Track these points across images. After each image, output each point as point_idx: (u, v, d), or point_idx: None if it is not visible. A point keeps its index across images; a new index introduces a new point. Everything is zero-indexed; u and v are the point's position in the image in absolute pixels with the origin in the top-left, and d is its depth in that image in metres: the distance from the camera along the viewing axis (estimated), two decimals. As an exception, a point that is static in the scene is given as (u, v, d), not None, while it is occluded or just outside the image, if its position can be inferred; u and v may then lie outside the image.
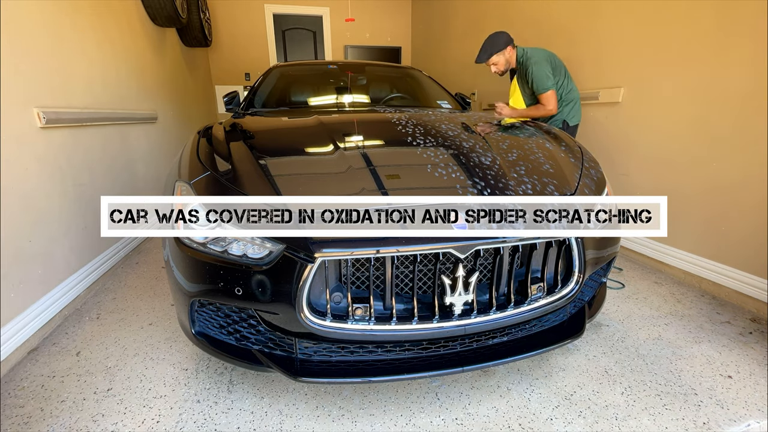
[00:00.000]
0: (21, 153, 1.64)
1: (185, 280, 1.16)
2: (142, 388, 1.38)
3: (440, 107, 2.48)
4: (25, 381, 1.42)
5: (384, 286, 1.11)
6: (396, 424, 1.22)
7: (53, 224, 1.82)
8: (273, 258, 1.06)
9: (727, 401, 1.31)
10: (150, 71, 3.26)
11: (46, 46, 1.88)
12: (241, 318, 1.18)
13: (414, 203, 1.15)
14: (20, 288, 1.59)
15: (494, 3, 3.90)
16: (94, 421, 1.24)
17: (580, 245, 1.21)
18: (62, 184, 1.91)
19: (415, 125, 1.64)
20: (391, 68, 3.09)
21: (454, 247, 1.06)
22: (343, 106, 2.42)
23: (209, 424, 1.22)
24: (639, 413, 1.25)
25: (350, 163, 1.32)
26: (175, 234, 1.17)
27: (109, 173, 2.39)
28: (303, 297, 1.04)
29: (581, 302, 1.40)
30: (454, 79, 4.74)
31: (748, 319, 1.79)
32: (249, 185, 1.21)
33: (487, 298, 1.18)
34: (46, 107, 1.79)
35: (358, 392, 1.35)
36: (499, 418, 1.24)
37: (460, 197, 1.18)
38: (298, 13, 5.92)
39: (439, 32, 5.29)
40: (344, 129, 1.70)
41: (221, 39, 5.62)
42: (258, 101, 2.41)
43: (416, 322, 1.10)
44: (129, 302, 1.97)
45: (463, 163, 1.36)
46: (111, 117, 2.46)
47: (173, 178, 1.32)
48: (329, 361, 1.15)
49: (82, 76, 2.18)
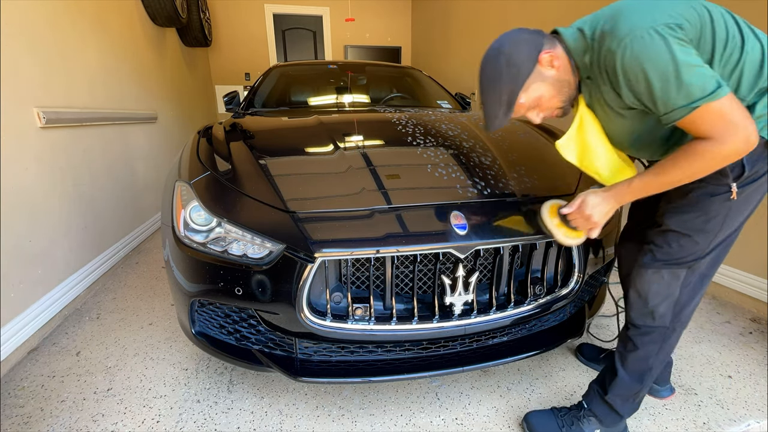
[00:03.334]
0: (21, 153, 1.64)
1: (185, 280, 1.16)
2: (142, 388, 1.38)
3: (440, 107, 2.47)
4: (25, 381, 1.42)
5: (384, 286, 1.12)
6: (396, 424, 1.22)
7: (53, 224, 1.82)
8: (273, 258, 1.06)
9: (727, 401, 1.31)
10: (150, 71, 3.25)
11: (46, 46, 1.87)
12: (241, 318, 1.18)
13: (414, 203, 1.15)
14: (20, 288, 1.58)
15: (494, 3, 3.89)
16: (94, 421, 1.24)
17: (580, 245, 1.21)
18: (62, 184, 1.90)
19: (415, 125, 1.64)
20: (391, 68, 3.09)
21: (454, 247, 1.06)
22: (343, 106, 2.42)
23: (209, 424, 1.22)
24: (639, 413, 1.25)
25: (350, 163, 1.32)
26: (175, 234, 1.17)
27: (109, 173, 2.39)
28: (303, 297, 1.04)
29: (581, 302, 1.40)
30: (454, 79, 4.73)
31: (748, 319, 1.79)
32: (249, 185, 1.21)
33: (487, 298, 1.18)
34: (46, 107, 1.79)
35: (358, 392, 1.35)
36: (499, 418, 1.24)
37: (460, 197, 1.18)
38: (298, 13, 5.92)
39: (439, 32, 5.29)
40: (344, 129, 1.70)
41: (221, 39, 5.62)
42: (258, 101, 2.41)
43: (416, 322, 1.10)
44: (129, 302, 1.97)
45: (463, 163, 1.36)
46: (111, 117, 2.46)
47: (173, 178, 1.32)
48: (329, 361, 1.15)
49: (82, 75, 2.18)
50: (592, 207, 0.94)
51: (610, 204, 0.94)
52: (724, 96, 0.76)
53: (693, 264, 0.94)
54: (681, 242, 0.94)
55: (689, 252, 0.93)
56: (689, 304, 0.99)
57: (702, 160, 0.81)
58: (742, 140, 0.78)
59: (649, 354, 1.02)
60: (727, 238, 0.93)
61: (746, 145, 0.78)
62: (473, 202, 1.18)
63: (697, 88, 0.76)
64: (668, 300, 0.97)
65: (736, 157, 0.80)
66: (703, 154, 0.81)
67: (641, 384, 1.05)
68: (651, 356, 1.03)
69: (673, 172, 0.85)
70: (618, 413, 1.08)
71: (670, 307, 0.98)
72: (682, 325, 1.02)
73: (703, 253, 0.93)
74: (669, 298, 0.97)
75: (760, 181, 0.87)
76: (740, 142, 0.78)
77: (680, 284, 0.96)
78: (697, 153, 0.81)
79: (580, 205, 0.96)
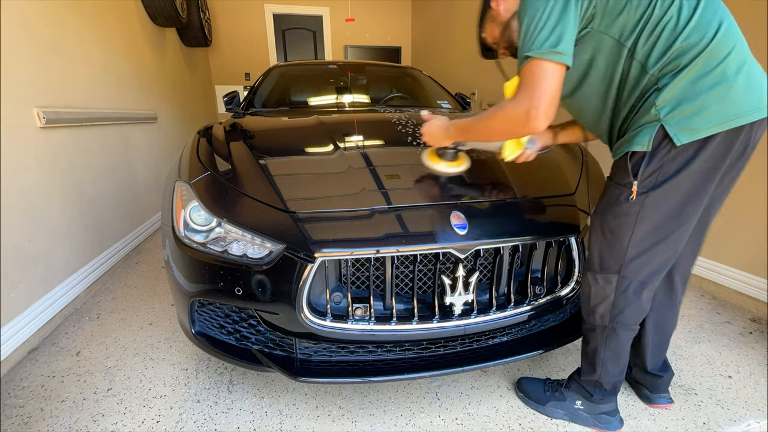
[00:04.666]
0: (21, 153, 1.64)
1: (185, 280, 1.16)
2: (142, 388, 1.38)
3: (440, 107, 2.47)
4: (25, 381, 1.42)
5: (384, 286, 1.11)
6: (396, 424, 1.22)
7: (53, 224, 1.82)
8: (273, 258, 1.06)
9: (727, 401, 1.31)
10: (150, 71, 3.25)
11: (47, 46, 1.87)
12: (241, 318, 1.18)
13: (414, 203, 1.15)
14: (20, 288, 1.58)
15: (494, 3, 3.89)
16: (94, 421, 1.24)
17: (580, 245, 1.21)
18: (62, 184, 1.90)
19: (415, 125, 1.64)
20: (390, 68, 3.09)
21: (454, 247, 1.06)
22: (343, 106, 2.42)
23: (209, 424, 1.22)
24: (639, 413, 1.25)
25: (350, 163, 1.32)
26: (175, 234, 1.17)
27: (109, 173, 2.39)
28: (303, 297, 1.04)
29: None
30: (454, 79, 4.73)
31: (748, 319, 1.79)
32: (249, 185, 1.21)
33: (487, 298, 1.19)
34: (46, 107, 1.79)
35: (358, 392, 1.35)
36: (499, 418, 1.24)
37: (461, 197, 1.18)
38: (298, 12, 5.92)
39: (439, 32, 5.29)
40: (344, 129, 1.70)
41: (221, 39, 5.62)
42: (258, 101, 2.41)
43: (416, 322, 1.10)
44: (129, 302, 1.97)
45: (463, 163, 1.36)
46: (111, 117, 2.46)
47: (173, 178, 1.32)
48: (329, 361, 1.15)
49: (82, 75, 2.18)
50: (429, 126, 1.16)
51: (443, 128, 1.12)
52: (553, 61, 0.78)
53: (621, 270, 0.99)
54: (601, 247, 1.01)
55: (609, 257, 0.99)
56: (628, 308, 1.03)
57: (496, 111, 0.89)
58: (524, 108, 0.81)
59: (597, 347, 1.11)
60: (651, 246, 0.94)
61: (525, 116, 0.81)
62: (473, 202, 1.18)
63: (534, 38, 0.79)
64: (605, 303, 1.05)
65: (515, 125, 0.85)
66: (500, 107, 0.87)
67: (594, 373, 1.14)
68: (599, 350, 1.11)
69: (482, 120, 0.95)
70: (590, 393, 1.18)
71: (608, 309, 1.05)
72: (625, 327, 1.06)
73: (623, 258, 0.97)
74: (605, 301, 1.04)
75: (669, 186, 0.86)
76: (522, 108, 0.82)
77: (614, 289, 1.02)
78: (497, 106, 0.88)
79: (424, 127, 1.18)
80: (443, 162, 1.22)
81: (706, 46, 0.77)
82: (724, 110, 0.79)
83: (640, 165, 0.86)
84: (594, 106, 0.96)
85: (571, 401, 1.21)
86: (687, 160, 0.83)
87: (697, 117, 0.79)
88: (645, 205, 0.89)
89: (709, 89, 0.78)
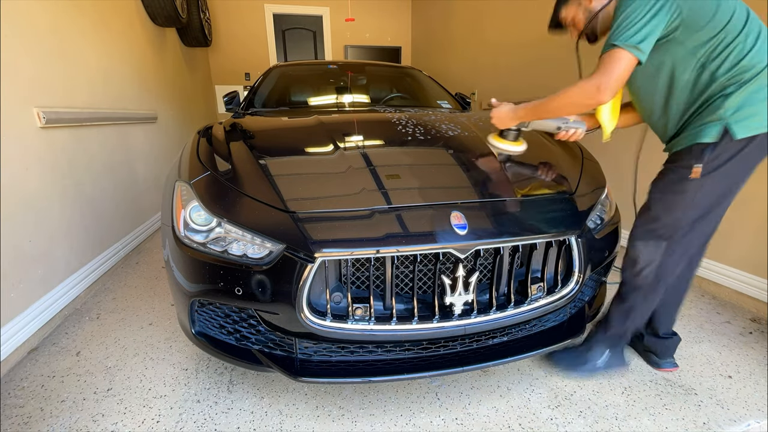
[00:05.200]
0: (21, 153, 1.64)
1: (185, 280, 1.16)
2: (142, 388, 1.38)
3: (440, 107, 2.48)
4: (25, 381, 1.42)
5: (384, 286, 1.11)
6: (396, 424, 1.22)
7: (53, 224, 1.82)
8: (273, 258, 1.06)
9: (727, 401, 1.31)
10: (150, 71, 3.25)
11: (47, 46, 1.88)
12: (241, 318, 1.18)
13: (414, 203, 1.15)
14: (20, 288, 1.58)
15: (494, 3, 3.89)
16: (94, 421, 1.24)
17: (580, 245, 1.21)
18: (62, 184, 1.90)
19: (415, 125, 1.64)
20: (390, 68, 3.09)
21: (454, 247, 1.06)
22: (343, 105, 2.42)
23: (209, 424, 1.22)
24: (639, 413, 1.25)
25: (350, 163, 1.32)
26: (175, 234, 1.17)
27: (109, 173, 2.39)
28: (303, 297, 1.04)
29: (581, 302, 1.40)
30: (454, 79, 4.73)
31: (748, 319, 1.79)
32: (249, 185, 1.21)
33: (487, 298, 1.18)
34: (46, 107, 1.79)
35: (358, 392, 1.35)
36: (499, 418, 1.24)
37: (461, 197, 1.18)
38: (298, 13, 5.92)
39: (439, 32, 5.29)
40: (344, 129, 1.70)
41: (221, 39, 5.62)
42: (258, 101, 2.41)
43: (416, 322, 1.10)
44: (129, 302, 1.97)
45: (463, 163, 1.36)
46: (111, 117, 2.46)
47: (173, 178, 1.32)
48: (329, 361, 1.15)
49: (82, 75, 2.18)
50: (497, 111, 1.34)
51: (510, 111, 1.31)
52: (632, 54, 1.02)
53: (671, 237, 1.16)
54: (656, 217, 1.17)
55: (662, 227, 1.16)
56: (671, 267, 1.21)
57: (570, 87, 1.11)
58: (596, 83, 1.05)
59: (634, 305, 1.28)
60: (702, 219, 1.13)
61: (596, 89, 1.05)
62: (473, 202, 1.18)
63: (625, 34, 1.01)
64: (652, 265, 1.21)
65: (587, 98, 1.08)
66: (574, 83, 1.10)
67: (623, 325, 1.33)
68: (636, 306, 1.28)
69: (555, 96, 1.16)
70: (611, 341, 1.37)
71: (653, 270, 1.21)
72: (665, 282, 1.24)
73: (678, 229, 1.14)
74: (652, 263, 1.20)
75: (724, 169, 1.05)
76: (595, 82, 1.05)
77: (662, 253, 1.18)
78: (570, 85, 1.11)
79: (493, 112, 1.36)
80: (506, 142, 1.39)
81: (764, 67, 1.00)
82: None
83: (704, 152, 1.05)
84: (656, 99, 1.15)
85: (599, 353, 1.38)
86: (739, 149, 1.02)
87: (753, 118, 1.00)
88: (703, 184, 1.07)
89: (764, 100, 1.00)
